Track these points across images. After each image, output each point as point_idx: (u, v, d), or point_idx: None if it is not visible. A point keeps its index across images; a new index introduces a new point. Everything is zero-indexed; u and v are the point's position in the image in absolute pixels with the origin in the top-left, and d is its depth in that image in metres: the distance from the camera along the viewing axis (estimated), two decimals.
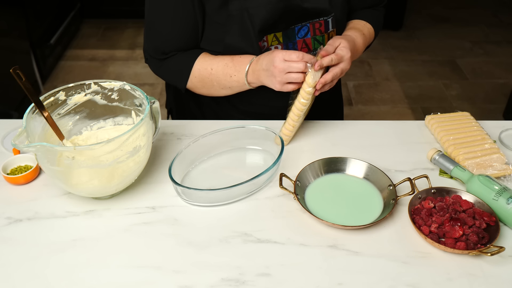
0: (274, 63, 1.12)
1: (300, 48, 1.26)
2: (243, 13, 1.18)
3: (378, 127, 1.33)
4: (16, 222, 1.03)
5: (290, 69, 1.11)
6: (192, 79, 1.27)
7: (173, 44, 1.26)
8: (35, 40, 3.05)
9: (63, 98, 1.12)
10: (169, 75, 1.32)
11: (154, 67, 1.32)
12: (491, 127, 1.32)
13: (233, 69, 1.23)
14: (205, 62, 1.25)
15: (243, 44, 1.21)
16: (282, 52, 1.12)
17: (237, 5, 1.17)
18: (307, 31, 1.25)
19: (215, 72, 1.24)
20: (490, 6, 4.43)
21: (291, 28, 1.23)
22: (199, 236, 1.00)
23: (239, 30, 1.20)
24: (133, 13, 4.05)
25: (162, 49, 1.27)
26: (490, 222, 0.99)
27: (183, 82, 1.29)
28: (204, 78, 1.26)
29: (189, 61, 1.26)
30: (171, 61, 1.28)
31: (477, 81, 3.35)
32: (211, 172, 1.17)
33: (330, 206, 1.06)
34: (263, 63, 1.16)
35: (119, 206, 1.07)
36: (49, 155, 0.97)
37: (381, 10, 1.44)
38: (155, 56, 1.29)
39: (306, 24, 1.24)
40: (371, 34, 1.38)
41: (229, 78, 1.23)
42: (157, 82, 3.29)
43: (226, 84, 1.25)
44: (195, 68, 1.26)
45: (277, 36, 1.23)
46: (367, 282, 0.91)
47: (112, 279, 0.92)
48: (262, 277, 0.92)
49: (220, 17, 1.20)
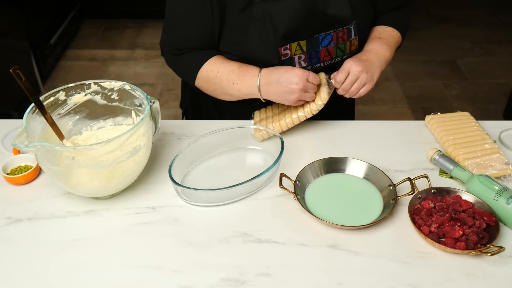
0: (296, 81, 1.15)
1: (323, 57, 1.27)
2: (265, 17, 1.18)
3: (378, 127, 1.33)
4: (16, 222, 1.03)
5: (308, 89, 1.17)
6: (199, 78, 1.28)
7: (189, 43, 1.27)
8: (35, 40, 3.05)
9: (63, 98, 1.12)
10: (180, 70, 1.34)
11: (168, 61, 1.35)
12: (491, 127, 1.32)
13: (237, 76, 1.22)
14: (214, 64, 1.26)
15: (262, 48, 1.21)
16: (304, 72, 1.16)
17: (260, 8, 1.18)
18: (331, 40, 1.25)
19: (220, 76, 1.24)
20: (490, 6, 4.42)
21: (315, 37, 1.24)
22: (199, 236, 1.00)
23: (259, 34, 1.20)
24: (133, 13, 4.05)
25: (176, 45, 1.28)
26: (490, 222, 0.99)
27: (191, 80, 1.30)
28: (209, 80, 1.26)
29: (200, 60, 1.27)
30: (185, 57, 1.29)
31: (477, 81, 3.35)
32: (211, 172, 1.17)
33: (330, 206, 1.06)
34: (280, 78, 1.17)
35: (119, 206, 1.07)
36: (49, 155, 0.97)
37: (406, 10, 1.43)
38: (169, 50, 1.31)
39: (330, 33, 1.24)
40: (393, 35, 1.36)
41: (231, 84, 1.24)
42: (157, 82, 3.29)
43: (228, 90, 1.25)
44: (203, 68, 1.26)
45: (301, 45, 1.23)
46: (366, 282, 0.91)
47: (112, 279, 0.92)
48: (262, 277, 0.92)
49: (241, 20, 1.20)
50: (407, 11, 1.43)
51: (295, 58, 1.25)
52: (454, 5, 4.44)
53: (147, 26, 3.99)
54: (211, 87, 1.28)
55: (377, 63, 1.26)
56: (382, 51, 1.29)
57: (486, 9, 4.37)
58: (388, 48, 1.31)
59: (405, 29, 1.41)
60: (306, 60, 1.26)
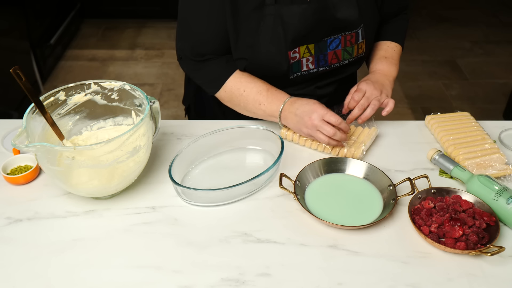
0: (312, 116, 1.16)
1: (330, 60, 1.28)
2: (277, 20, 1.18)
3: (379, 127, 1.32)
4: (16, 222, 1.03)
5: (321, 129, 1.15)
6: (221, 92, 1.28)
7: (209, 46, 1.25)
8: (35, 40, 3.05)
9: (63, 98, 1.12)
10: (202, 80, 1.31)
11: (188, 68, 1.32)
12: (491, 127, 1.32)
13: (265, 98, 1.24)
14: (239, 82, 1.26)
15: (273, 50, 1.21)
16: (323, 110, 1.16)
17: (272, 10, 1.18)
18: (338, 43, 1.26)
19: (246, 95, 1.25)
20: (490, 6, 4.42)
21: (323, 40, 1.24)
22: (199, 236, 1.00)
23: (270, 37, 1.20)
24: (133, 13, 4.05)
25: (197, 50, 1.26)
26: (490, 222, 0.99)
27: (213, 91, 1.29)
28: (233, 97, 1.27)
29: (225, 74, 1.26)
30: (207, 67, 1.27)
31: (477, 81, 3.35)
32: (211, 172, 1.17)
33: (330, 206, 1.06)
34: (298, 109, 1.19)
35: (119, 206, 1.07)
36: (49, 155, 0.97)
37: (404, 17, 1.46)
38: (191, 57, 1.28)
39: (338, 36, 1.25)
40: (397, 51, 1.42)
41: (257, 105, 1.25)
42: (157, 82, 3.29)
43: (252, 109, 1.26)
44: (228, 84, 1.26)
45: (309, 48, 1.24)
46: (366, 282, 0.91)
47: (112, 279, 0.92)
48: (262, 277, 0.92)
49: (253, 21, 1.19)
50: (406, 19, 1.46)
51: (303, 61, 1.25)
52: (454, 5, 4.44)
53: (147, 26, 3.99)
54: (233, 102, 1.28)
55: (387, 83, 1.31)
56: (391, 71, 1.35)
57: (486, 9, 4.37)
58: (395, 68, 1.38)
59: (404, 38, 1.46)
60: (314, 62, 1.27)
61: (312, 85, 1.34)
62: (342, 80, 1.36)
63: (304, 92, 1.30)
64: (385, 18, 1.39)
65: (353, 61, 1.32)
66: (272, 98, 1.24)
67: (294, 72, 1.26)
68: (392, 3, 1.37)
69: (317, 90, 1.35)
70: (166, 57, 3.57)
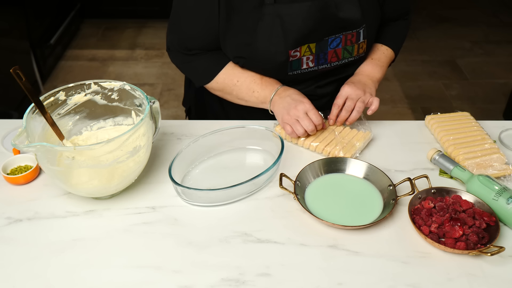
0: (298, 106, 1.21)
1: (330, 58, 1.28)
2: (276, 19, 1.18)
3: (378, 127, 1.33)
4: (16, 222, 1.03)
5: (301, 121, 1.20)
6: (213, 83, 1.31)
7: (197, 42, 1.28)
8: (35, 40, 3.05)
9: (63, 98, 1.12)
10: (192, 72, 1.35)
11: (177, 60, 1.35)
12: (491, 127, 1.32)
13: (259, 86, 1.27)
14: (232, 74, 1.29)
15: (272, 50, 1.21)
16: (310, 106, 1.21)
17: (271, 9, 1.18)
18: (339, 42, 1.27)
19: (240, 84, 1.28)
20: (490, 6, 4.42)
21: (325, 40, 1.25)
22: (199, 236, 1.00)
23: (269, 36, 1.20)
24: (133, 13, 4.05)
25: (185, 44, 1.29)
26: (490, 222, 0.99)
27: (202, 83, 1.32)
28: (226, 87, 1.30)
29: (216, 67, 1.29)
30: (197, 61, 1.30)
31: (477, 81, 3.35)
32: (211, 172, 1.17)
33: (330, 206, 1.06)
34: (289, 96, 1.23)
35: (119, 206, 1.07)
36: (49, 155, 0.97)
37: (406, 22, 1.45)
38: (180, 50, 1.31)
39: (339, 35, 1.26)
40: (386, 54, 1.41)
41: (251, 93, 1.28)
42: (157, 82, 3.29)
43: (244, 97, 1.30)
44: (221, 76, 1.29)
45: (310, 47, 1.25)
46: (366, 282, 0.91)
47: (112, 279, 0.92)
48: (262, 277, 0.92)
49: (251, 20, 1.20)
50: (405, 26, 1.46)
51: (303, 59, 1.26)
52: (454, 5, 4.44)
53: (147, 26, 3.99)
54: (225, 91, 1.32)
55: (370, 83, 1.31)
56: (374, 73, 1.35)
57: (486, 9, 4.37)
58: (379, 69, 1.37)
59: (401, 43, 1.46)
60: (314, 60, 1.27)
61: (312, 85, 1.34)
62: (342, 80, 1.36)
63: (305, 92, 1.30)
64: (384, 20, 1.39)
65: (353, 61, 1.32)
66: (266, 85, 1.28)
67: (293, 70, 1.26)
68: (392, 6, 1.37)
69: (317, 90, 1.35)
70: (166, 57, 3.56)
